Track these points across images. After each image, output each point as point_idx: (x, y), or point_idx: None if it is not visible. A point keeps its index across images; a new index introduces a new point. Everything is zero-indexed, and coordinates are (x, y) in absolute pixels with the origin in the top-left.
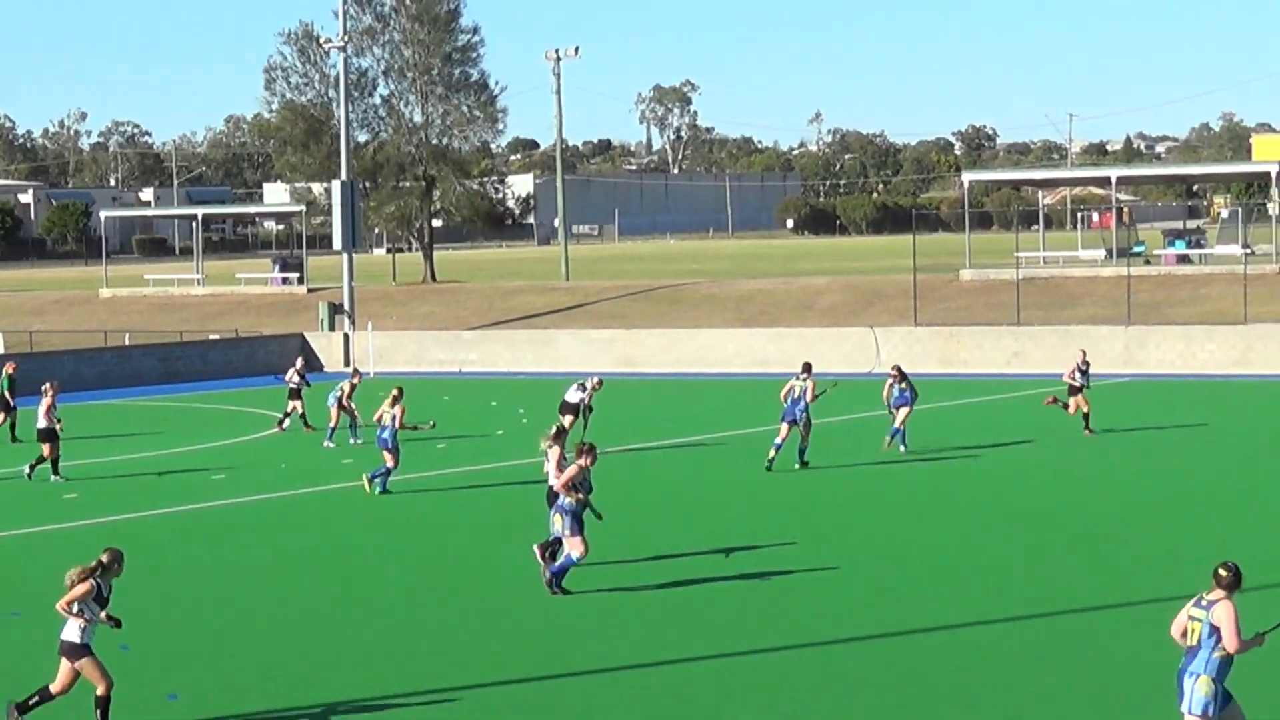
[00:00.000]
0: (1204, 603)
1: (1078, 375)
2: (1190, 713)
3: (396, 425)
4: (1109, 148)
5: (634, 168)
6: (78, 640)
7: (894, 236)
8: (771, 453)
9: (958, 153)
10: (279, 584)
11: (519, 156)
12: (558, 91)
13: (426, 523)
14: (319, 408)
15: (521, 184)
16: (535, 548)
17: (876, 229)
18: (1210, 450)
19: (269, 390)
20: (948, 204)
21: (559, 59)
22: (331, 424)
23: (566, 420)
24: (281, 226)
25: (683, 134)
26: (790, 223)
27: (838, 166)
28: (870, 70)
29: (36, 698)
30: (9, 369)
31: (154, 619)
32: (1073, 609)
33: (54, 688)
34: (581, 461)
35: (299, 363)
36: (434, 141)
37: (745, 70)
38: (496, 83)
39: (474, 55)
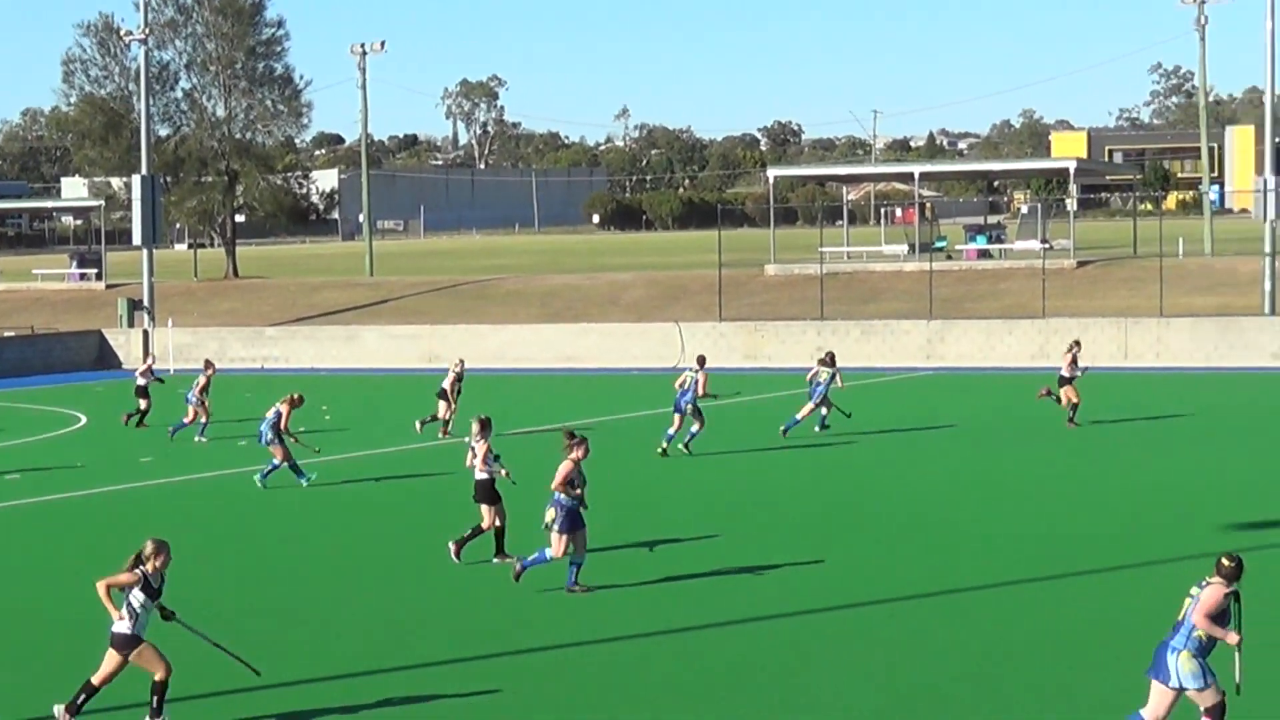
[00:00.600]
0: (1203, 583)
1: (1072, 367)
2: (1180, 687)
3: (283, 425)
4: (912, 144)
5: (440, 163)
6: (128, 631)
7: (699, 232)
8: (664, 443)
9: (763, 149)
10: (80, 584)
11: (324, 151)
12: (363, 86)
13: (235, 520)
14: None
15: (326, 179)
16: (450, 544)
17: (682, 224)
18: (1009, 439)
19: (65, 388)
20: (753, 200)
21: (364, 53)
22: (195, 419)
23: (441, 407)
24: (80, 221)
25: (489, 129)
26: (596, 218)
27: (644, 162)
28: (676, 66)
29: (83, 695)
30: None
31: None
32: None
33: (95, 679)
34: (574, 455)
35: (150, 360)
36: (237, 136)
37: (552, 66)
38: (301, 77)
39: (278, 49)
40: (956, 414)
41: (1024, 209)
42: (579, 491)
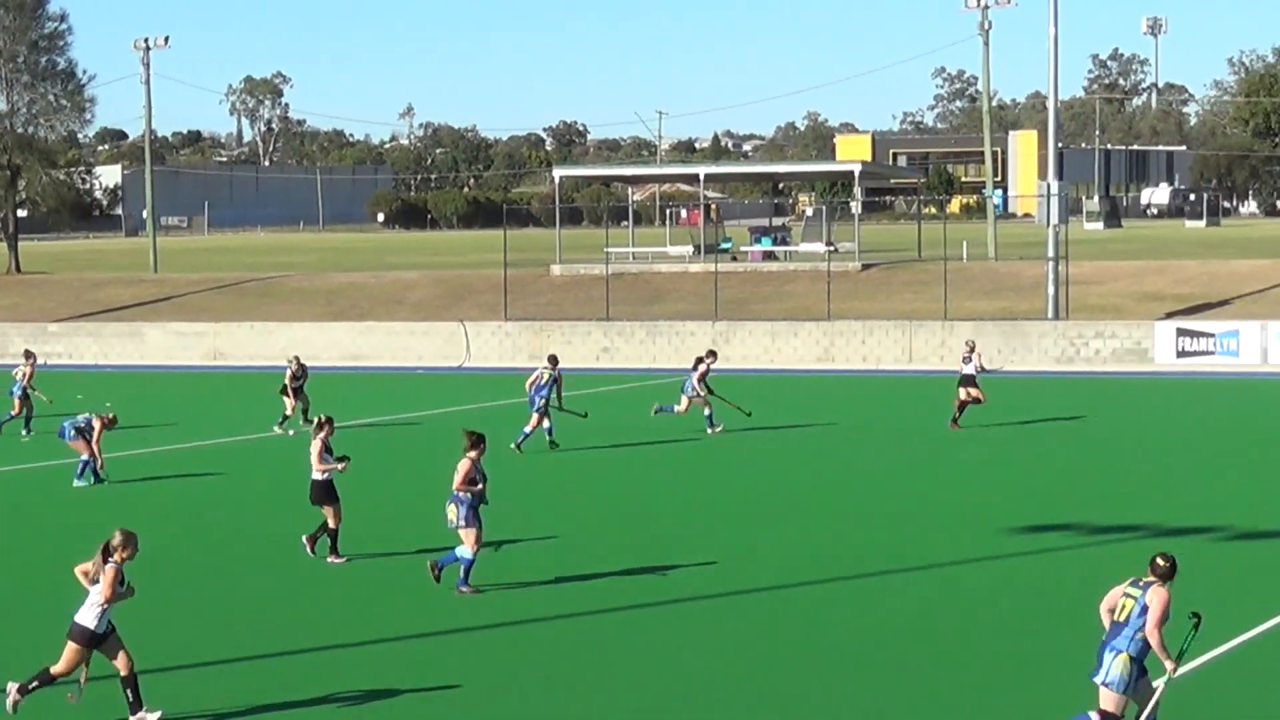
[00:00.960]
0: (1141, 584)
1: (968, 365)
2: (1105, 684)
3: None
4: (697, 145)
5: (224, 160)
6: (92, 627)
7: (485, 231)
8: (520, 439)
9: (549, 148)
10: None
11: (107, 147)
12: (147, 82)
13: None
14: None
15: (109, 175)
16: (304, 539)
17: (467, 224)
18: (793, 442)
19: None
20: (539, 199)
21: (148, 49)
22: (16, 413)
23: (287, 404)
24: None
25: (274, 126)
26: (381, 217)
27: (429, 161)
28: (462, 65)
29: (36, 681)
30: None
31: None
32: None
33: (55, 669)
34: (472, 454)
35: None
36: (19, 130)
37: (337, 63)
38: (84, 72)
39: (61, 43)
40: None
41: (809, 212)
42: (480, 488)
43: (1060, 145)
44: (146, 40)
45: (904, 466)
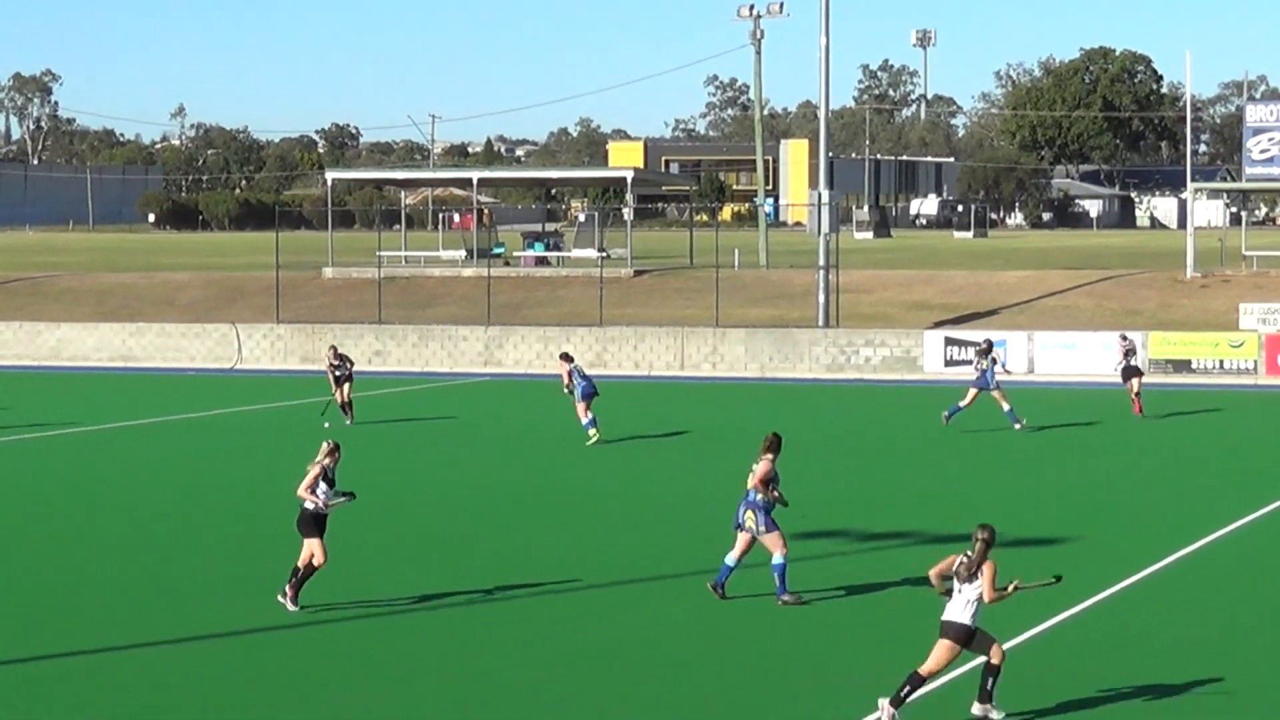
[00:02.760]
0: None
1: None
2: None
3: None
4: (470, 149)
5: None
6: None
7: (257, 233)
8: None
9: (321, 150)
10: None
11: None
12: None
13: None
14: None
15: None
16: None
17: (239, 225)
18: (558, 447)
19: None
20: (310, 201)
21: None
22: None
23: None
24: None
25: (43, 124)
26: (152, 217)
27: (200, 161)
28: (234, 65)
29: (908, 687)
30: None
31: None
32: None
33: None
34: (769, 456)
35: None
36: None
37: (107, 61)
38: None
39: None
40: (518, 419)
41: (581, 217)
42: (776, 493)
43: (831, 155)
44: None
45: (671, 469)
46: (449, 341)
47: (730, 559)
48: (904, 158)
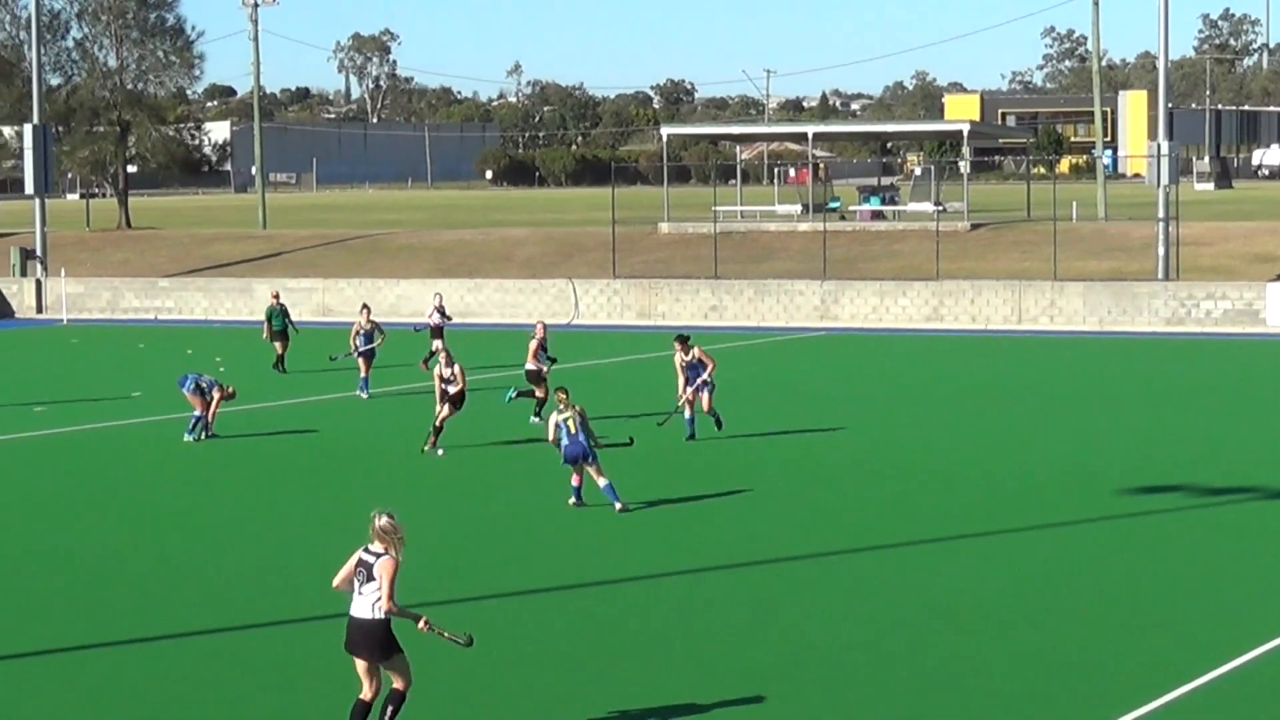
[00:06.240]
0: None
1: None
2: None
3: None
4: (805, 104)
5: (332, 117)
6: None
7: (593, 189)
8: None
9: (656, 106)
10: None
11: (215, 103)
12: (255, 38)
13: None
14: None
15: (218, 131)
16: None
17: (575, 181)
18: (905, 401)
19: None
20: (646, 157)
21: (256, 5)
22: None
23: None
24: None
25: (381, 83)
26: (489, 174)
27: (537, 118)
28: (569, 22)
29: None
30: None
31: None
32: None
33: None
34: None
35: (438, 299)
36: (129, 86)
37: (445, 20)
38: (193, 28)
39: (169, 0)
40: (856, 374)
41: (917, 171)
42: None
43: (1170, 105)
44: None
45: (1017, 427)
46: (784, 296)
47: None
48: (1245, 108)
